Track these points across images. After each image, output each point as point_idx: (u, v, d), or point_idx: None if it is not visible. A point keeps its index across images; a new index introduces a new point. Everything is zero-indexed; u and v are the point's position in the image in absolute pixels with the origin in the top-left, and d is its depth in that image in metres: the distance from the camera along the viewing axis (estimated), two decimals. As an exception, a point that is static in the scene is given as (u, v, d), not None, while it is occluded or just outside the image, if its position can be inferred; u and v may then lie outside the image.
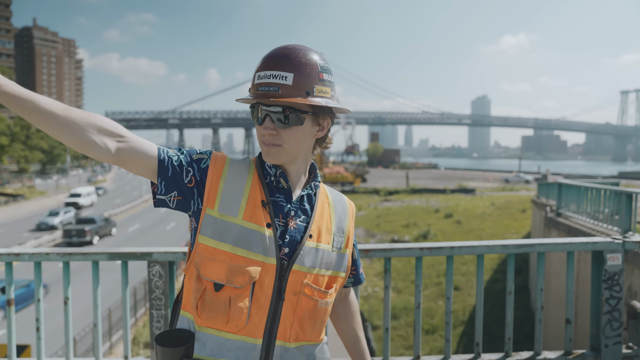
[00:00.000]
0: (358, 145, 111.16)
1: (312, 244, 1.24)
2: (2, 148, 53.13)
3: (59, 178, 68.37)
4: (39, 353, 2.31)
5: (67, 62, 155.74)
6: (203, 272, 1.18)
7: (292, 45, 1.22)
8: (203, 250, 1.19)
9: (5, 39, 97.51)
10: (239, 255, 1.17)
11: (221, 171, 1.23)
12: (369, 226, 27.10)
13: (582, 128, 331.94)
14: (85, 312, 11.89)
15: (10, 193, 45.44)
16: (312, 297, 1.24)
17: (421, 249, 2.21)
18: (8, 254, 2.26)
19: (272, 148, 1.21)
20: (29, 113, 1.03)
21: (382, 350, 12.57)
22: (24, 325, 8.74)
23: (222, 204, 1.20)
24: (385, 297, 2.27)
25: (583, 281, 7.87)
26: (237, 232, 1.18)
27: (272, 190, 1.26)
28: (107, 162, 1.16)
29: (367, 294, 16.10)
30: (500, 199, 33.18)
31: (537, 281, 2.31)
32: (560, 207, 10.54)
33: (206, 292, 1.18)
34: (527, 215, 24.34)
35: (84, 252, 2.26)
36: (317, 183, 1.33)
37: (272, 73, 1.17)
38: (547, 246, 2.27)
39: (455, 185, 52.49)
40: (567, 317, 2.30)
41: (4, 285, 9.18)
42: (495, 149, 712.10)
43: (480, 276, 2.29)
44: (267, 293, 1.19)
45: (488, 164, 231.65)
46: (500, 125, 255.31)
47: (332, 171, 60.85)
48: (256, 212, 1.21)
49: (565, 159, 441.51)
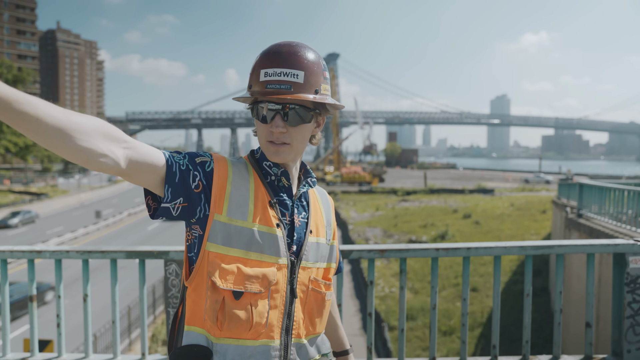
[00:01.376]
0: (376, 145, 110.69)
1: (313, 239, 1.27)
2: (27, 148, 54.44)
3: (81, 177, 69.70)
4: (59, 348, 2.36)
5: (89, 63, 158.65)
6: (220, 282, 1.13)
7: (294, 42, 1.22)
8: (214, 258, 1.15)
9: (30, 41, 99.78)
10: (252, 260, 1.16)
11: (226, 174, 1.19)
12: (386, 226, 26.98)
13: (605, 127, 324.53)
14: (105, 309, 12.11)
15: (34, 192, 46.48)
16: (320, 290, 1.27)
17: (437, 250, 2.19)
18: (30, 251, 2.32)
19: (282, 147, 1.21)
20: (25, 120, 0.86)
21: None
22: (46, 322, 8.93)
23: (231, 208, 1.17)
24: (400, 298, 2.25)
25: (604, 284, 7.71)
26: (248, 236, 1.16)
27: (274, 189, 1.26)
28: (112, 173, 1.03)
29: (384, 294, 16.03)
30: (520, 200, 32.70)
31: (556, 283, 2.27)
32: (581, 208, 10.34)
33: (225, 301, 1.14)
34: (547, 216, 23.93)
35: (103, 250, 2.30)
36: (313, 179, 1.33)
37: (283, 71, 1.17)
38: (566, 248, 2.22)
39: (474, 185, 51.93)
40: (587, 320, 2.25)
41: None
42: (514, 148, 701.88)
43: (497, 278, 2.26)
44: (281, 293, 1.19)
45: (507, 164, 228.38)
46: (520, 124, 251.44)
47: (349, 171, 60.72)
48: (265, 213, 1.19)
49: (587, 159, 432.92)
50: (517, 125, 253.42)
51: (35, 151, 58.29)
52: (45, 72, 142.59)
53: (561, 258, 2.26)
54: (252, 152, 1.32)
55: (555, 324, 2.27)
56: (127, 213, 33.98)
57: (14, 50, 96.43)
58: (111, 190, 56.58)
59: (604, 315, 7.57)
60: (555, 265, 2.25)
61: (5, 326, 2.34)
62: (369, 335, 2.26)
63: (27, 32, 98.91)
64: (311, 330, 1.27)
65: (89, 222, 31.49)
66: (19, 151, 53.75)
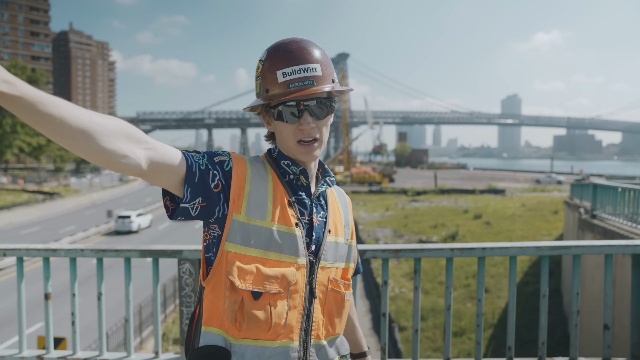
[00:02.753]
0: (386, 145, 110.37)
1: (332, 238, 1.26)
2: (40, 148, 55.27)
3: (93, 177, 70.40)
4: (74, 346, 2.38)
5: (100, 64, 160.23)
6: (239, 282, 1.12)
7: (296, 38, 1.22)
8: (233, 258, 1.14)
9: (44, 43, 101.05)
10: (271, 260, 1.15)
11: (244, 173, 1.18)
12: (396, 226, 26.88)
13: (619, 127, 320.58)
14: (115, 308, 12.20)
15: (47, 191, 47.05)
16: (340, 290, 1.26)
17: (452, 250, 2.17)
18: (45, 249, 2.33)
19: (312, 144, 1.21)
20: (49, 122, 0.86)
21: (409, 351, 12.42)
22: (58, 320, 9.02)
23: (250, 208, 1.15)
24: (414, 298, 2.24)
25: (619, 285, 7.60)
26: (267, 236, 1.15)
27: (293, 188, 1.25)
28: (133, 174, 1.03)
29: (395, 295, 15.97)
30: (531, 200, 32.42)
31: (573, 285, 2.23)
32: (595, 208, 10.21)
33: (244, 302, 1.13)
34: (559, 217, 23.68)
35: (117, 249, 2.31)
36: (332, 178, 1.31)
37: (302, 67, 1.17)
38: (583, 248, 2.19)
39: (485, 185, 51.58)
40: (605, 322, 2.21)
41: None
42: (526, 149, 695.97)
43: (512, 278, 2.23)
44: (300, 293, 1.18)
45: (518, 164, 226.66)
46: (531, 124, 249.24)
47: (359, 171, 60.64)
48: (283, 213, 1.18)
49: (599, 159, 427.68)
50: (529, 125, 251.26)
51: (48, 151, 59.19)
52: (58, 72, 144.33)
53: (578, 259, 2.22)
54: (269, 151, 1.31)
55: (572, 326, 2.23)
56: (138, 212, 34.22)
57: (28, 51, 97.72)
58: (122, 189, 57.07)
59: (619, 317, 7.47)
60: (572, 266, 2.22)
61: (21, 323, 2.36)
62: (382, 335, 2.25)
63: (40, 34, 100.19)
64: (330, 331, 1.25)
65: (100, 221, 31.76)
66: (32, 151, 54.63)
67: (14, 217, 32.18)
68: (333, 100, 1.24)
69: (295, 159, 1.24)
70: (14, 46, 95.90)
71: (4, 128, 49.26)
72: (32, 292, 10.89)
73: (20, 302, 2.36)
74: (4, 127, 49.26)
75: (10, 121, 49.47)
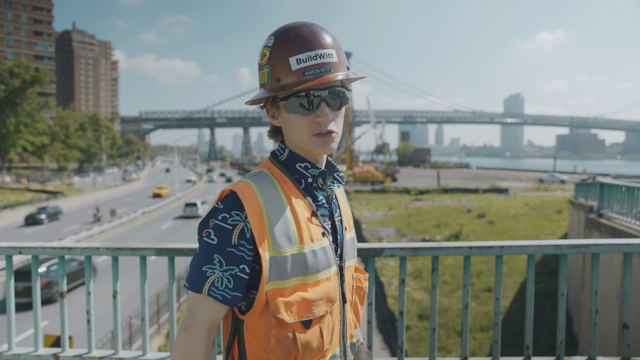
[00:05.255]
0: (388, 144, 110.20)
1: (349, 235, 1.21)
2: (44, 147, 55.40)
3: (96, 176, 70.55)
4: (89, 344, 2.37)
5: (103, 63, 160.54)
6: (289, 317, 1.05)
7: (305, 22, 1.11)
8: (273, 295, 1.05)
9: (47, 42, 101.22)
10: (311, 282, 1.08)
11: (258, 208, 1.06)
12: (400, 225, 26.85)
13: (622, 126, 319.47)
14: (123, 305, 12.22)
15: (50, 190, 47.15)
16: (362, 285, 1.24)
17: (470, 248, 2.15)
18: (61, 247, 2.33)
19: (329, 137, 1.09)
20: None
21: (414, 350, 12.39)
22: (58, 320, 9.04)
23: (276, 240, 1.05)
24: (432, 297, 2.23)
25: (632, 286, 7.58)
26: (302, 260, 1.07)
27: (312, 193, 1.16)
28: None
29: (398, 294, 15.95)
30: (535, 199, 32.34)
31: (592, 283, 2.22)
32: (602, 207, 10.17)
33: (296, 334, 1.06)
34: (563, 216, 23.63)
35: (133, 247, 2.30)
36: (340, 174, 1.22)
37: (317, 53, 1.05)
38: (602, 247, 2.17)
39: (488, 185, 51.46)
40: (624, 321, 2.20)
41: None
42: (528, 148, 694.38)
43: (530, 277, 2.22)
44: (337, 302, 1.14)
45: (521, 164, 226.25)
46: (534, 124, 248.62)
47: (362, 170, 60.58)
48: (309, 228, 1.10)
49: (603, 158, 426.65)
50: (531, 125, 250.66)
51: (52, 150, 59.32)
52: (61, 72, 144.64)
53: (597, 257, 2.21)
54: (274, 155, 1.18)
55: (591, 325, 2.22)
56: (141, 211, 34.28)
57: (31, 51, 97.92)
58: (125, 188, 57.16)
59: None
60: (591, 264, 2.20)
61: (37, 321, 2.36)
62: (400, 334, 2.24)
63: (43, 33, 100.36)
64: (356, 324, 1.25)
65: (104, 220, 31.86)
66: (35, 150, 54.73)
67: (18, 216, 32.26)
68: (348, 89, 1.14)
69: (310, 155, 1.14)
70: (18, 45, 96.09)
71: (8, 127, 49.37)
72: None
73: (36, 301, 2.36)
74: (8, 126, 49.37)
75: (13, 120, 49.61)
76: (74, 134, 68.73)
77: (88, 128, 76.91)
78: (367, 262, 2.17)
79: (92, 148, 76.34)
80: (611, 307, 7.89)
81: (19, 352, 2.34)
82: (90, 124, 79.41)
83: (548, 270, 16.11)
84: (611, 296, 7.93)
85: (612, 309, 7.87)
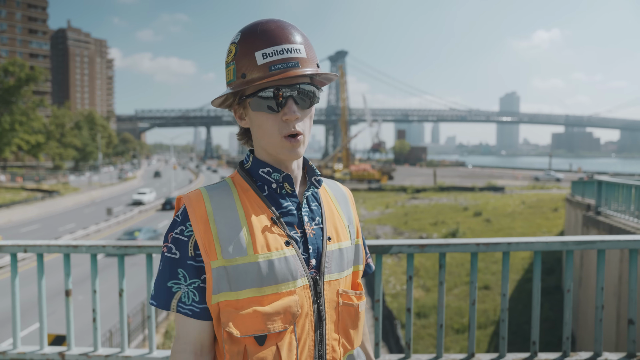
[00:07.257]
0: (384, 142, 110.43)
1: (334, 246, 1.10)
2: (39, 146, 55.08)
3: (91, 175, 70.29)
4: (95, 343, 2.36)
5: (98, 62, 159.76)
6: (238, 330, 0.99)
7: (272, 18, 1.06)
8: (226, 307, 1.00)
9: (42, 40, 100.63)
10: (268, 295, 1.00)
11: (204, 214, 1.02)
12: (396, 224, 26.91)
13: (617, 124, 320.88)
14: (114, 307, 12.18)
15: (46, 189, 46.96)
16: (352, 303, 1.12)
17: (477, 245, 2.16)
18: (67, 245, 2.31)
19: (298, 139, 1.03)
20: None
21: (414, 349, 12.40)
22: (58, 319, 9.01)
23: (225, 248, 1.00)
24: (439, 294, 2.23)
25: (625, 281, 7.62)
26: (255, 271, 1.00)
27: (276, 200, 1.08)
28: None
29: (396, 292, 15.99)
30: (531, 197, 32.48)
31: (597, 279, 2.23)
32: (600, 205, 10.22)
33: (247, 351, 0.99)
34: (559, 214, 23.74)
35: (139, 245, 2.29)
36: (318, 177, 1.14)
37: (284, 47, 1.00)
38: (609, 243, 2.18)
39: (484, 183, 51.68)
40: (629, 317, 2.21)
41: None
42: (524, 146, 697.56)
43: (536, 274, 2.22)
44: (309, 319, 1.04)
45: (517, 162, 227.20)
46: (529, 122, 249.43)
47: (358, 168, 60.68)
48: (267, 236, 1.03)
49: (597, 156, 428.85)
50: (527, 123, 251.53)
51: (47, 149, 59.00)
52: (56, 70, 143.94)
53: (603, 254, 2.22)
54: (241, 164, 1.14)
55: (597, 321, 2.23)
56: (137, 210, 34.20)
57: (26, 49, 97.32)
58: (121, 187, 56.98)
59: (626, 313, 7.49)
60: (597, 261, 2.21)
61: (42, 320, 2.35)
62: (407, 330, 2.24)
63: (38, 31, 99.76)
64: (348, 347, 1.12)
65: (100, 219, 31.72)
66: (31, 149, 54.41)
67: (13, 215, 32.10)
68: (318, 88, 1.08)
69: (275, 159, 1.08)
70: (12, 44, 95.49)
71: (3, 126, 49.05)
72: (28, 292, 10.82)
73: (41, 299, 2.34)
74: (3, 124, 49.05)
75: (9, 119, 49.30)
76: (69, 132, 68.37)
77: (84, 126, 76.55)
78: (375, 260, 2.17)
79: (88, 147, 76.02)
80: (609, 304, 7.93)
81: (24, 350, 2.33)
82: (86, 122, 79.03)
83: (544, 267, 16.17)
84: (609, 293, 7.97)
85: (610, 306, 7.92)
